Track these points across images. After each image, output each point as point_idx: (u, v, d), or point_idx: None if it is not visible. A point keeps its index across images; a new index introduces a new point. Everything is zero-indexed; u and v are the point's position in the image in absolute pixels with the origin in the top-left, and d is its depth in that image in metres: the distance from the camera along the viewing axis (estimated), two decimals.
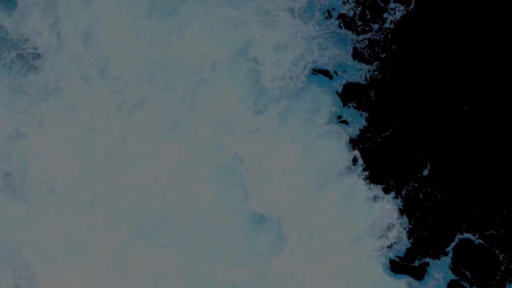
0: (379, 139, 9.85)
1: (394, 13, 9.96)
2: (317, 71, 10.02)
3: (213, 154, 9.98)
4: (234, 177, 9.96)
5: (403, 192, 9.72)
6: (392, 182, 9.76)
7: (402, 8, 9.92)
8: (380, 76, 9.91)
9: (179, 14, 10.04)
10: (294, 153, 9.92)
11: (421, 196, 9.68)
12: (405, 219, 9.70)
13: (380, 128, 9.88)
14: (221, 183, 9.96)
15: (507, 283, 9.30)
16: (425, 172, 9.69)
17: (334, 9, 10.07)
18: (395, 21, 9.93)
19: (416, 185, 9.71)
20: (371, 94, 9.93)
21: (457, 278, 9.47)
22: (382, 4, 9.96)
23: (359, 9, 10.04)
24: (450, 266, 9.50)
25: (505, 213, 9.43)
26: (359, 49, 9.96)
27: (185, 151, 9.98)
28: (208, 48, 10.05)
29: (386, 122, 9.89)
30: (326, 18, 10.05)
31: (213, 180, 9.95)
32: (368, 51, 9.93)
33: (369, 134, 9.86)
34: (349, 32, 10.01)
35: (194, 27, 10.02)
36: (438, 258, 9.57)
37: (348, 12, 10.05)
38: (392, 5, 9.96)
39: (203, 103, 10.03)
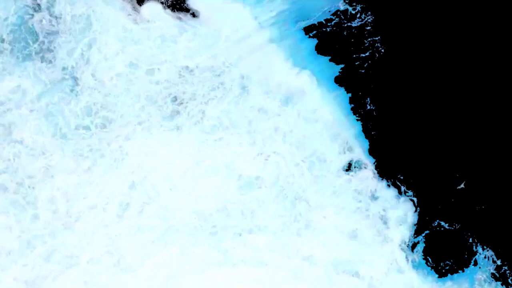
0: (399, 144, 10.83)
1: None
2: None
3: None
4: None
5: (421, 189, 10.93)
6: (409, 181, 10.90)
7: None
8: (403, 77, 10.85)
9: None
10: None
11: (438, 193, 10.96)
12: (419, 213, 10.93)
13: (402, 133, 10.85)
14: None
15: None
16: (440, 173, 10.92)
17: None
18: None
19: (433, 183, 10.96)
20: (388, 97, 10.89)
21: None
22: None
23: None
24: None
25: None
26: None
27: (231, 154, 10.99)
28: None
29: (406, 126, 10.87)
30: None
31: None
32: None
33: (389, 140, 10.79)
34: None
35: None
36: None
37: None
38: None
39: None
